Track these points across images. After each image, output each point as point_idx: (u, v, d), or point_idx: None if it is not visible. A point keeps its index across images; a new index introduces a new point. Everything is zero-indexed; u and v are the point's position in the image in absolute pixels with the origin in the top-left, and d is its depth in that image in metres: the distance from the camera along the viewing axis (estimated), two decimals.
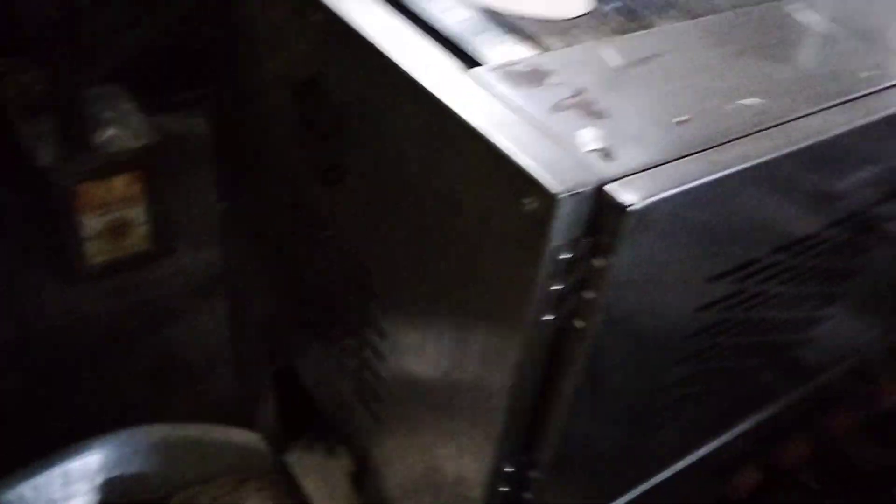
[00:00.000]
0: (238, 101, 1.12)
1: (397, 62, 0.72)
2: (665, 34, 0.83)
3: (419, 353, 0.81)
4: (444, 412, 0.82)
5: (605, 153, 0.63)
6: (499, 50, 0.78)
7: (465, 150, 0.66)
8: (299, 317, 1.16)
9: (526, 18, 0.85)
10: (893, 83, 0.79)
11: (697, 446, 1.02)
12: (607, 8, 0.90)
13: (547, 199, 0.58)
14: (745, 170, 0.65)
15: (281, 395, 1.33)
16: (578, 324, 0.65)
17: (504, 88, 0.69)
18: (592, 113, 0.68)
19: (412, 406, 0.89)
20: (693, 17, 0.89)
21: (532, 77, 0.72)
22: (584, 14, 0.88)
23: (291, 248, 1.10)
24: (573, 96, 0.69)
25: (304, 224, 1.02)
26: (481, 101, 0.68)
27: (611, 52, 0.77)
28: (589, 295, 0.63)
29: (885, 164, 0.82)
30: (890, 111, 0.75)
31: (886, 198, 0.87)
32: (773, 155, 0.66)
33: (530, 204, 0.60)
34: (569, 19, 0.86)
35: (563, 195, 0.57)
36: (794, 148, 0.67)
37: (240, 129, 1.15)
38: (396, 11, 0.80)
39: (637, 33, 0.83)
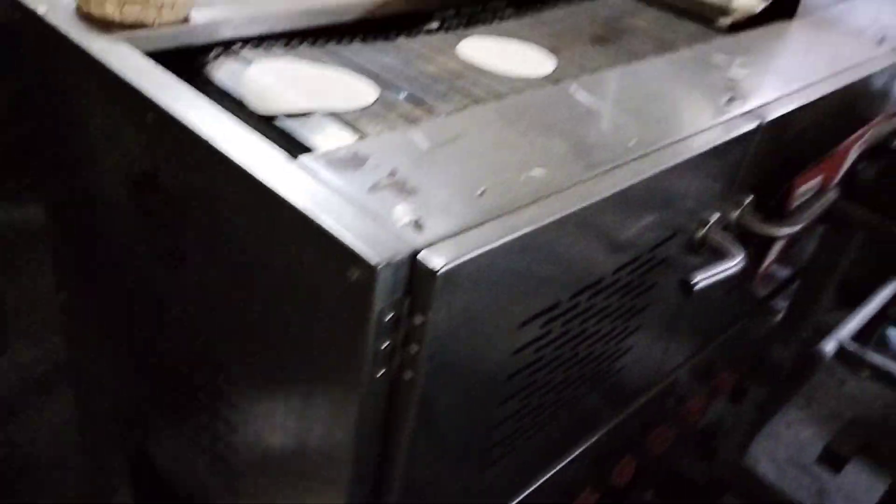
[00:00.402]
0: (75, 190, 1.14)
1: (229, 155, 0.79)
2: (468, 117, 0.96)
3: (269, 420, 0.87)
4: (296, 475, 0.87)
5: (417, 225, 0.73)
6: (322, 137, 0.88)
7: (293, 230, 0.74)
8: (150, 399, 1.17)
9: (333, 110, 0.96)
10: (653, 149, 0.95)
11: (535, 476, 1.13)
12: (394, 97, 1.03)
13: (367, 269, 0.67)
14: (534, 230, 0.77)
15: (136, 482, 1.31)
16: (407, 375, 0.74)
17: (328, 174, 0.79)
18: (405, 190, 0.78)
19: (266, 473, 0.93)
20: (476, 102, 1.03)
21: (353, 162, 0.81)
22: (374, 103, 1.01)
23: (137, 332, 1.12)
24: (389, 177, 0.80)
25: (148, 307, 1.05)
26: (307, 187, 0.76)
27: (420, 136, 0.89)
28: (413, 349, 0.72)
29: (656, 213, 0.99)
30: (650, 173, 0.91)
31: (662, 241, 1.04)
32: (556, 217, 0.79)
33: (353, 275, 0.69)
34: (361, 109, 0.98)
35: (381, 265, 0.67)
36: (572, 210, 0.81)
37: (78, 217, 1.17)
38: (227, 110, 0.88)
39: (443, 117, 0.95)
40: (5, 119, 2.11)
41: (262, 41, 1.15)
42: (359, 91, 1.04)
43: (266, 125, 0.96)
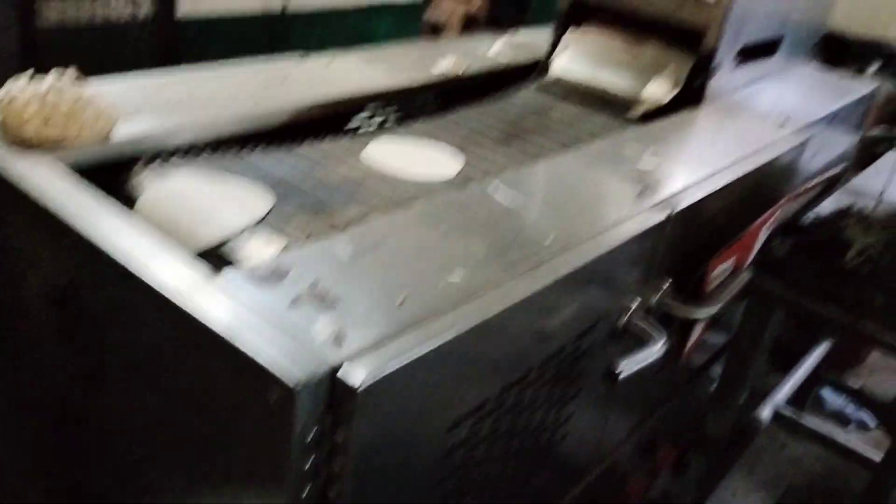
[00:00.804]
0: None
1: (145, 278, 0.79)
2: (391, 222, 0.98)
3: None
4: None
5: (337, 339, 0.74)
6: (246, 250, 0.89)
7: (212, 352, 0.74)
8: None
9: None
10: (570, 246, 0.99)
11: None
12: (291, 208, 1.04)
13: (287, 390, 0.68)
14: (455, 337, 0.79)
15: None
16: (333, 491, 0.74)
17: (249, 290, 0.79)
18: (326, 302, 0.79)
19: None
20: (374, 210, 1.05)
21: (274, 276, 0.82)
22: (268, 214, 1.01)
23: (59, 446, 1.09)
24: (310, 289, 0.81)
25: (71, 422, 1.02)
26: (227, 305, 0.77)
27: (343, 244, 0.91)
28: (338, 464, 0.72)
29: (577, 305, 1.02)
30: (567, 270, 0.95)
31: (585, 331, 1.07)
32: (475, 322, 0.81)
33: (273, 396, 0.69)
34: (256, 223, 0.98)
35: (300, 386, 0.67)
36: (491, 314, 0.83)
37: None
38: (148, 232, 0.88)
39: (365, 224, 0.98)
40: None
41: (186, 151, 1.17)
42: (253, 204, 1.02)
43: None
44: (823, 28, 2.11)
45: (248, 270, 0.83)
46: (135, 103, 1.19)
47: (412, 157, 1.27)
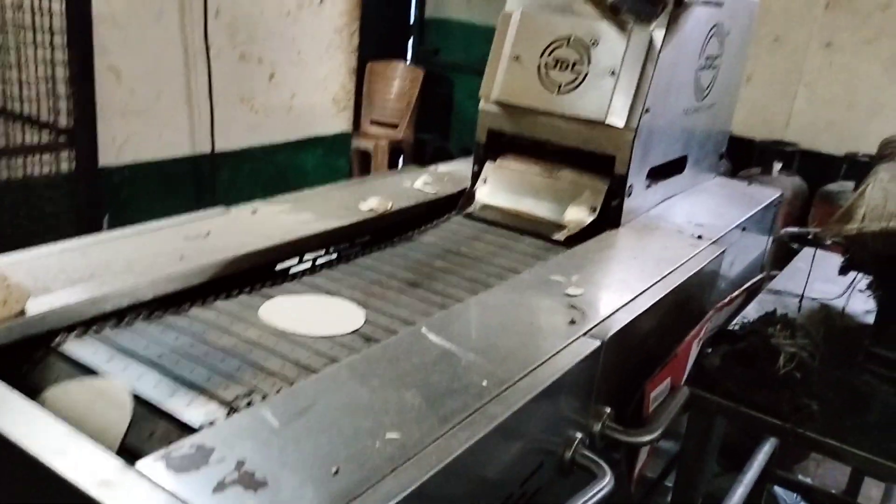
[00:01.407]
0: None
1: (54, 468, 0.74)
2: (319, 380, 0.96)
3: None
4: None
5: None
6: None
7: None
8: None
9: None
10: (506, 387, 0.98)
11: None
12: (175, 386, 0.97)
13: None
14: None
15: None
16: None
17: (168, 478, 0.75)
18: (254, 484, 0.75)
19: None
20: (270, 375, 1.02)
21: (196, 459, 0.78)
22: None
23: None
24: (235, 470, 0.77)
25: None
26: (145, 496, 0.72)
27: (270, 413, 0.87)
28: None
29: (520, 448, 0.99)
30: (507, 414, 0.93)
31: (531, 473, 1.04)
32: (414, 486, 0.78)
33: None
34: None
35: None
36: (429, 474, 0.80)
37: None
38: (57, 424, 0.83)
39: (295, 386, 0.95)
40: None
41: (101, 320, 1.13)
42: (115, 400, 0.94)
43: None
44: (725, 140, 2.24)
45: (168, 454, 0.78)
46: (51, 274, 1.15)
47: (311, 313, 1.22)
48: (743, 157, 4.22)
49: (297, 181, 3.62)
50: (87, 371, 1.00)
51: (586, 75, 1.65)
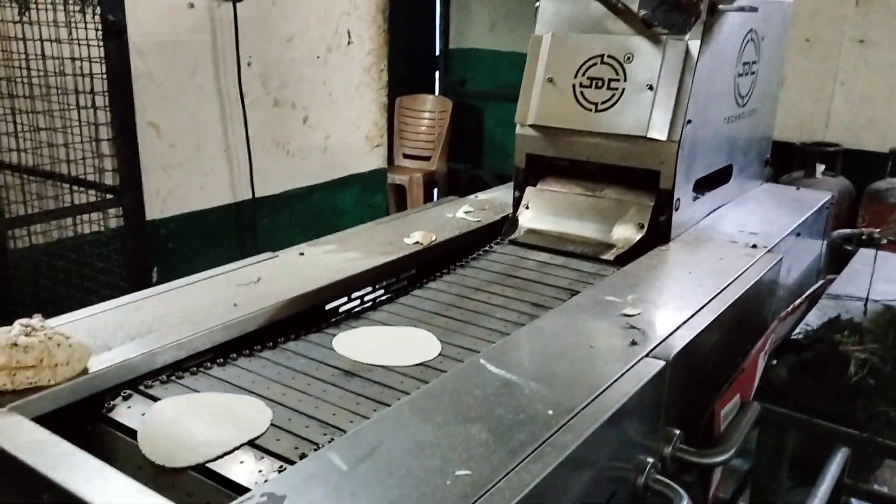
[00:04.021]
0: None
1: None
2: (382, 422, 0.94)
3: None
4: None
5: None
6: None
7: None
8: None
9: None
10: (572, 416, 0.95)
11: None
12: (288, 416, 0.99)
13: None
14: None
15: None
16: None
17: None
18: None
19: None
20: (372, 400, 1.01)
21: None
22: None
23: None
24: None
25: None
26: None
27: (337, 456, 0.86)
28: None
29: (592, 478, 0.96)
30: (577, 443, 0.90)
31: (605, 503, 1.01)
32: None
33: None
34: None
35: None
36: None
37: None
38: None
39: (358, 429, 0.93)
40: None
41: (168, 370, 1.13)
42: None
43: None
44: (769, 146, 2.20)
45: None
46: (109, 331, 1.17)
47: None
48: (784, 162, 4.14)
49: (335, 220, 3.65)
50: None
51: (623, 91, 1.64)
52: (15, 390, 0.98)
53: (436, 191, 5.63)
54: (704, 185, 1.81)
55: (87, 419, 1.03)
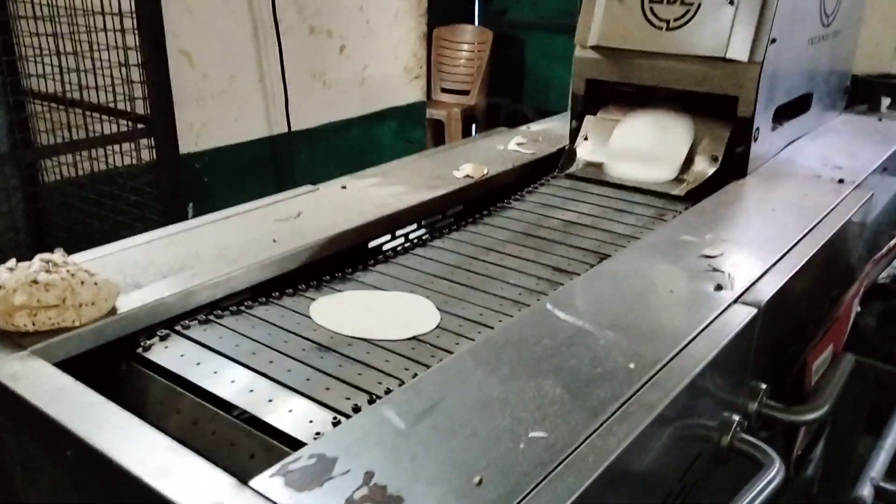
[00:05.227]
0: None
1: (164, 493, 0.65)
2: (442, 372, 0.84)
3: None
4: None
5: None
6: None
7: None
8: None
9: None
10: (657, 369, 0.84)
11: None
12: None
13: None
14: None
15: None
16: None
17: (288, 497, 0.64)
18: (387, 500, 0.64)
19: None
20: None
21: (317, 472, 0.67)
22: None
23: None
24: (365, 485, 0.66)
25: None
26: None
27: (393, 412, 0.76)
28: None
29: (677, 439, 0.85)
30: (666, 401, 0.79)
31: (689, 466, 0.90)
32: (576, 493, 0.65)
33: None
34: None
35: None
36: (592, 476, 0.67)
37: None
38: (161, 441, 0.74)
39: (417, 380, 0.83)
40: None
41: (205, 310, 1.04)
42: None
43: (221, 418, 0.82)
44: (850, 74, 2.00)
45: (284, 469, 0.68)
46: (139, 268, 1.07)
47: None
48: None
49: (373, 156, 3.51)
50: (174, 378, 0.91)
51: (699, 6, 1.46)
52: (37, 332, 0.89)
53: (474, 126, 5.45)
54: (783, 115, 1.64)
55: (116, 364, 0.94)
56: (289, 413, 0.83)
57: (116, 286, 0.96)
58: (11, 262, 0.92)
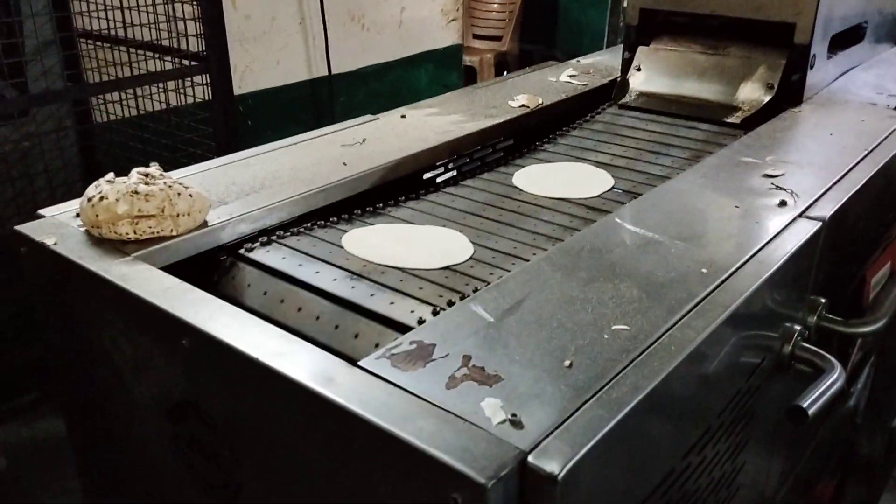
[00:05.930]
0: (97, 410, 1.04)
1: (283, 371, 0.70)
2: (522, 276, 0.88)
3: None
4: None
5: (514, 422, 0.63)
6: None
7: (374, 450, 0.64)
8: None
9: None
10: (729, 274, 0.88)
11: None
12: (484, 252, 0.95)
13: (477, 488, 0.57)
14: (640, 400, 0.67)
15: None
16: None
17: (396, 375, 0.70)
18: (487, 379, 0.69)
19: None
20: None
21: (419, 355, 0.73)
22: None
23: None
24: (463, 366, 0.71)
25: None
26: (377, 395, 0.67)
27: (481, 308, 0.81)
28: None
29: (746, 341, 0.89)
30: (739, 301, 0.83)
31: (755, 369, 0.94)
32: (660, 377, 0.70)
33: (462, 497, 0.58)
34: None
35: (492, 482, 0.57)
36: (675, 362, 0.72)
37: (102, 438, 1.06)
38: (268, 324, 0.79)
39: (497, 282, 0.88)
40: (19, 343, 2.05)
41: (279, 228, 1.09)
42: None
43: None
44: None
45: (389, 352, 0.73)
46: (222, 187, 1.12)
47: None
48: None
49: (411, 100, 3.51)
50: (280, 276, 0.97)
51: None
52: (137, 240, 0.95)
53: (505, 73, 5.41)
54: (837, 45, 1.63)
55: (211, 273, 1.00)
56: (391, 305, 0.88)
57: (208, 199, 1.01)
58: (110, 176, 0.97)
